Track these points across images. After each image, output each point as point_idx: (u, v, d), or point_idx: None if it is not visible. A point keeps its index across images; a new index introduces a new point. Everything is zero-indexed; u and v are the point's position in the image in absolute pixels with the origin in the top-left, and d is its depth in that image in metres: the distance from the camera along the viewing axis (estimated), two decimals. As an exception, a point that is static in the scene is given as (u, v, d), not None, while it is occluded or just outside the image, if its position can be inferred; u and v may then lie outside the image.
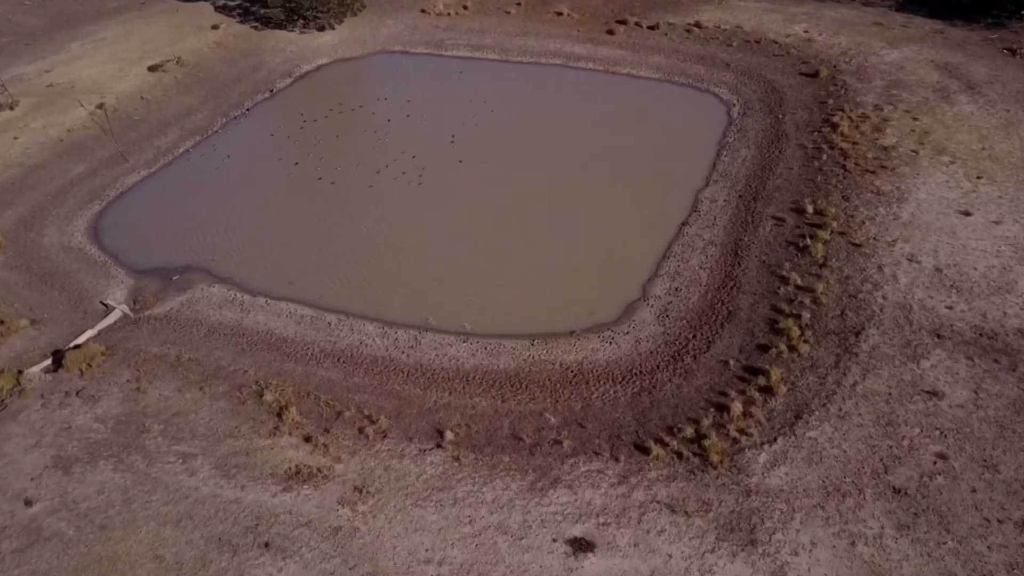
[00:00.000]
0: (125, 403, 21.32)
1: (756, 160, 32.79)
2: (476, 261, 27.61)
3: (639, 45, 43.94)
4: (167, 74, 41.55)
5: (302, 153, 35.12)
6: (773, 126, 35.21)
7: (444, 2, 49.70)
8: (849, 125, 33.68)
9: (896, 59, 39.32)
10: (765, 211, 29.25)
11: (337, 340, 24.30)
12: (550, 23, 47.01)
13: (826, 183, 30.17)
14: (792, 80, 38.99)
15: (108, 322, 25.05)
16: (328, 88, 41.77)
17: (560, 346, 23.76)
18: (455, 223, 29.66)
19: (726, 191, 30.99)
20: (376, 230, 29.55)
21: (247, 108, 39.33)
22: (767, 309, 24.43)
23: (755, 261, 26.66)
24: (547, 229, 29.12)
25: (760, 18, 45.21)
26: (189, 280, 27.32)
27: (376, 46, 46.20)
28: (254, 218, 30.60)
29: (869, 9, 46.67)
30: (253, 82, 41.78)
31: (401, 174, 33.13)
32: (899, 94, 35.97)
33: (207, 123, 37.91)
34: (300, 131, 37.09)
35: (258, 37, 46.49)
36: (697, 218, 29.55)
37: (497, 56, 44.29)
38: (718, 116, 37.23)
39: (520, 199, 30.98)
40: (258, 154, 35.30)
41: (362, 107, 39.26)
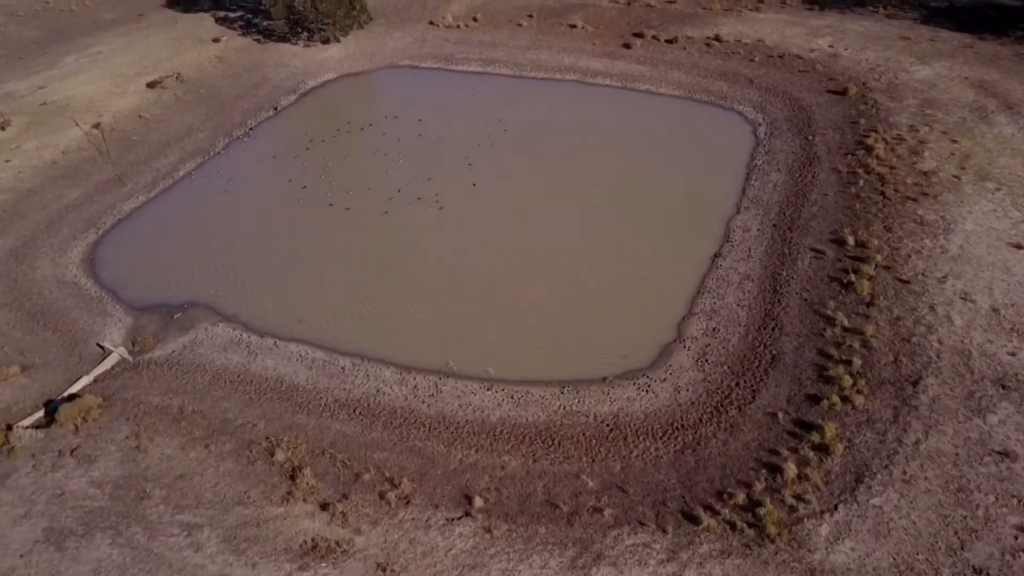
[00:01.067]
0: (124, 464, 19.56)
1: (788, 185, 31.13)
2: (498, 297, 25.91)
3: (657, 60, 42.29)
4: (167, 91, 39.81)
5: (310, 176, 33.40)
6: (803, 148, 33.55)
7: (453, 14, 48.04)
8: (884, 148, 32.03)
9: (928, 76, 37.70)
10: (802, 242, 27.57)
11: (352, 388, 22.57)
12: (564, 36, 45.36)
13: (865, 211, 28.51)
14: (820, 98, 37.35)
15: (105, 367, 23.30)
16: (335, 105, 40.06)
17: (593, 395, 22.05)
18: (473, 255, 27.96)
19: (759, 219, 29.32)
20: (390, 262, 27.84)
21: (250, 127, 37.61)
22: (814, 353, 22.73)
23: (796, 298, 24.97)
24: (572, 262, 27.43)
25: (782, 32, 43.58)
26: (191, 318, 25.58)
27: (383, 60, 44.51)
28: (260, 248, 28.87)
29: (894, 23, 45.09)
30: (256, 99, 40.05)
31: (416, 200, 31.43)
32: (934, 114, 34.34)
33: (209, 143, 36.18)
34: (307, 152, 35.37)
35: (261, 51, 44.79)
36: (730, 249, 27.88)
37: (510, 71, 42.64)
38: (744, 136, 35.58)
39: (542, 229, 29.29)
40: (264, 177, 33.57)
41: (372, 126, 37.56)
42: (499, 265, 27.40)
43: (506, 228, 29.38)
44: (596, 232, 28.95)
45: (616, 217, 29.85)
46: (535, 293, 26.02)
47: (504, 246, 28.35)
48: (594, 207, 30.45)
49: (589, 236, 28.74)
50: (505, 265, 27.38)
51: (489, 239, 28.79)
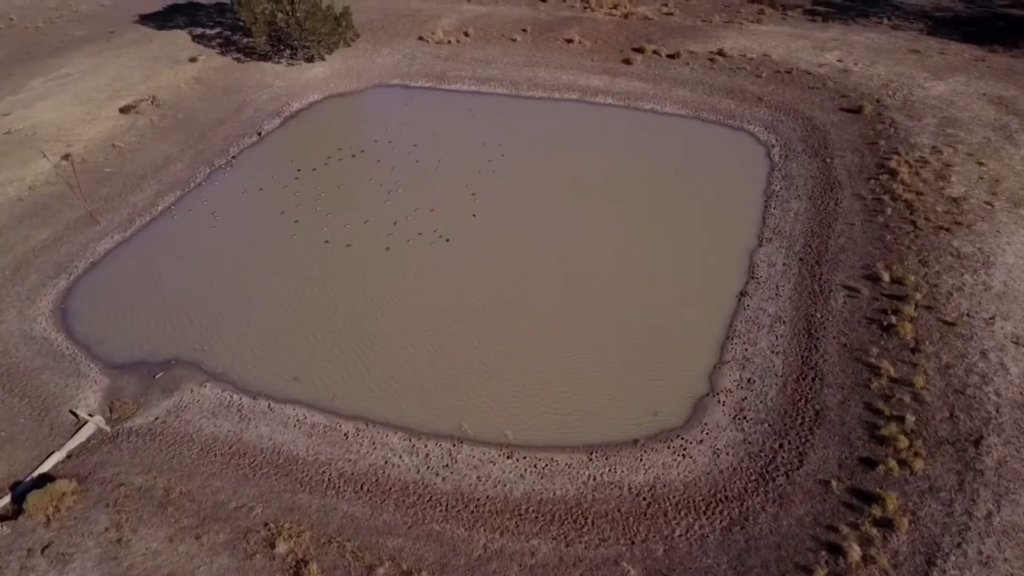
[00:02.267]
0: (103, 563, 17.23)
1: (811, 214, 29.36)
2: (511, 347, 23.82)
3: (660, 76, 40.47)
4: (141, 116, 37.30)
5: (302, 209, 31.12)
6: (822, 172, 31.82)
7: (444, 29, 45.92)
8: (909, 172, 30.38)
9: (944, 92, 36.18)
10: (833, 278, 25.76)
11: (358, 458, 20.37)
12: (560, 52, 43.40)
13: (897, 243, 26.78)
14: (833, 116, 35.68)
15: (80, 440, 20.92)
16: (323, 129, 37.76)
17: (624, 461, 20.03)
18: (484, 299, 25.84)
19: (783, 252, 27.50)
20: (394, 308, 25.65)
21: (233, 155, 35.22)
22: (861, 408, 20.87)
23: (834, 344, 23.12)
24: (589, 305, 25.41)
25: (787, 45, 41.93)
26: (176, 378, 23.22)
27: (372, 79, 42.27)
28: (250, 293, 26.54)
29: (900, 34, 43.67)
30: (238, 124, 37.64)
31: (417, 235, 29.28)
32: (956, 134, 32.78)
33: (188, 174, 33.75)
34: (297, 181, 33.03)
35: (241, 70, 42.36)
36: (756, 287, 26.00)
37: (506, 90, 40.59)
38: (758, 159, 33.81)
39: (555, 268, 27.25)
40: (251, 211, 31.22)
41: (363, 152, 35.32)
42: (512, 311, 25.31)
43: (516, 267, 27.29)
44: (613, 270, 26.97)
45: (633, 251, 27.90)
46: (552, 342, 23.97)
47: (516, 288, 26.26)
48: (608, 241, 28.47)
49: (605, 275, 26.74)
50: (518, 311, 25.29)
51: (500, 280, 26.69)
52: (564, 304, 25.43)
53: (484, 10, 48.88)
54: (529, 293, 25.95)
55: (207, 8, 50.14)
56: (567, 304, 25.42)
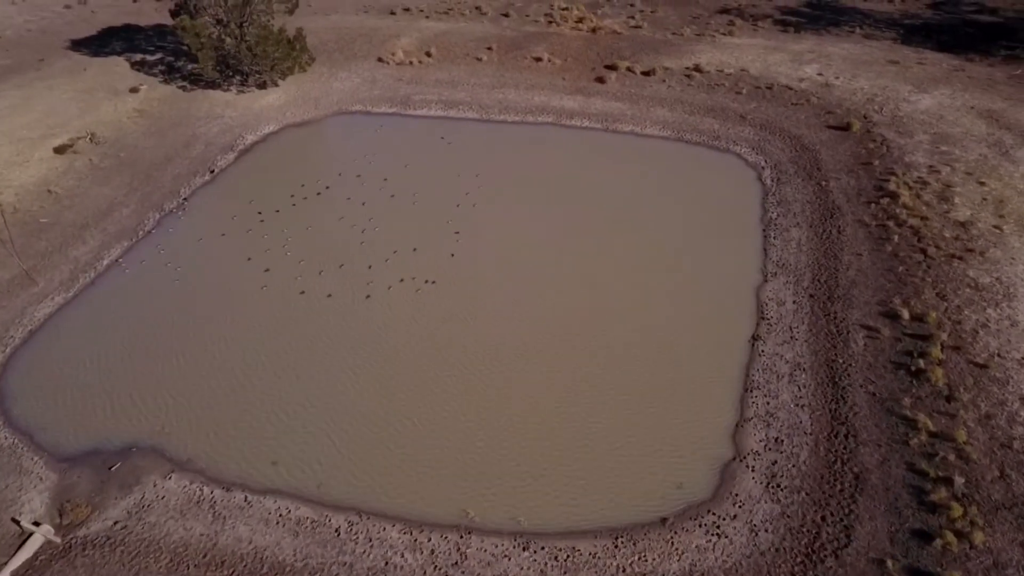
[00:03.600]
0: None
1: (814, 243, 27.78)
2: (514, 416, 21.58)
3: (636, 95, 38.67)
4: (79, 156, 33.97)
5: (271, 255, 28.42)
6: (819, 196, 30.32)
7: (404, 49, 43.41)
8: (910, 194, 29.07)
9: (931, 106, 35.12)
10: (849, 317, 24.14)
11: (354, 561, 17.86)
12: (530, 71, 41.29)
13: (909, 275, 25.31)
14: (821, 135, 34.31)
15: (25, 556, 17.97)
16: (282, 164, 34.94)
17: (655, 546, 17.94)
18: (477, 357, 23.56)
19: (792, 289, 25.82)
20: (380, 371, 23.14)
21: (184, 197, 32.21)
22: (903, 469, 19.18)
23: (862, 393, 21.43)
24: (592, 360, 23.35)
25: (764, 59, 40.56)
26: (135, 469, 20.39)
27: (331, 106, 39.55)
28: (217, 360, 23.77)
29: (874, 43, 42.74)
30: (188, 161, 34.59)
31: (399, 281, 26.82)
32: (951, 151, 31.64)
33: (136, 221, 30.65)
34: (261, 224, 30.24)
35: (188, 100, 39.21)
36: (769, 330, 24.23)
37: (476, 114, 38.32)
38: (749, 183, 32.21)
39: (551, 317, 25.11)
40: (213, 260, 28.35)
41: (329, 188, 32.62)
42: (510, 371, 23.06)
43: (510, 318, 25.05)
44: (612, 315, 24.93)
45: (632, 293, 25.92)
46: (557, 406, 21.79)
47: (512, 344, 24.02)
48: (604, 281, 26.46)
49: (605, 322, 24.68)
50: (517, 371, 23.05)
51: (494, 334, 24.42)
52: (566, 361, 23.27)
53: (445, 27, 46.53)
54: (527, 349, 23.73)
55: (146, 32, 46.70)
56: (569, 361, 23.27)
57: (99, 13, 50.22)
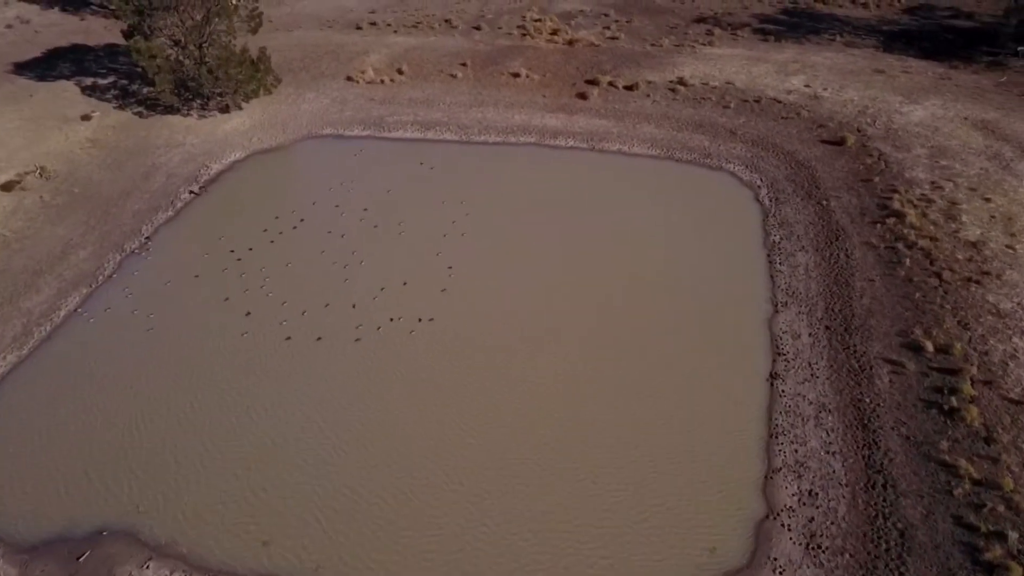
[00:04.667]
0: None
1: (822, 269, 26.57)
2: (525, 481, 19.81)
3: (621, 112, 37.26)
4: (28, 194, 31.35)
5: (249, 297, 26.28)
6: (821, 217, 29.17)
7: (374, 67, 41.39)
8: (916, 213, 28.07)
9: (924, 118, 34.31)
10: (870, 350, 22.91)
11: (364, 661, 15.89)
12: (508, 88, 39.60)
13: (927, 302, 24.20)
14: (816, 150, 33.25)
15: (-15, 676, 15.62)
16: (253, 195, 32.74)
17: (695, 626, 16.30)
18: (481, 410, 21.79)
19: (806, 320, 24.53)
20: (379, 432, 21.21)
21: (147, 236, 29.84)
22: (950, 524, 17.91)
23: (895, 437, 20.15)
24: (605, 409, 21.80)
25: (749, 71, 39.45)
26: (107, 558, 18.20)
27: (300, 130, 37.38)
28: (197, 424, 21.59)
29: (856, 52, 41.99)
30: (149, 195, 32.17)
31: (388, 321, 24.95)
32: (951, 165, 30.76)
33: (95, 264, 28.22)
34: (237, 263, 28.05)
35: (145, 127, 36.70)
36: (787, 367, 22.88)
37: (455, 136, 36.49)
38: (746, 203, 30.96)
39: (554, 358, 23.54)
40: (184, 306, 26.08)
41: (304, 221, 30.52)
42: (519, 425, 21.35)
43: (511, 362, 23.37)
44: (622, 359, 23.39)
45: (638, 331, 24.42)
46: (574, 473, 20.07)
47: (518, 391, 22.32)
48: (607, 320, 24.91)
49: (616, 369, 23.13)
50: (527, 425, 21.34)
51: (497, 382, 22.69)
52: (579, 419, 21.60)
53: (415, 42, 44.61)
54: (535, 397, 22.07)
55: (96, 52, 43.90)
56: (582, 417, 21.61)
57: (43, 33, 47.19)
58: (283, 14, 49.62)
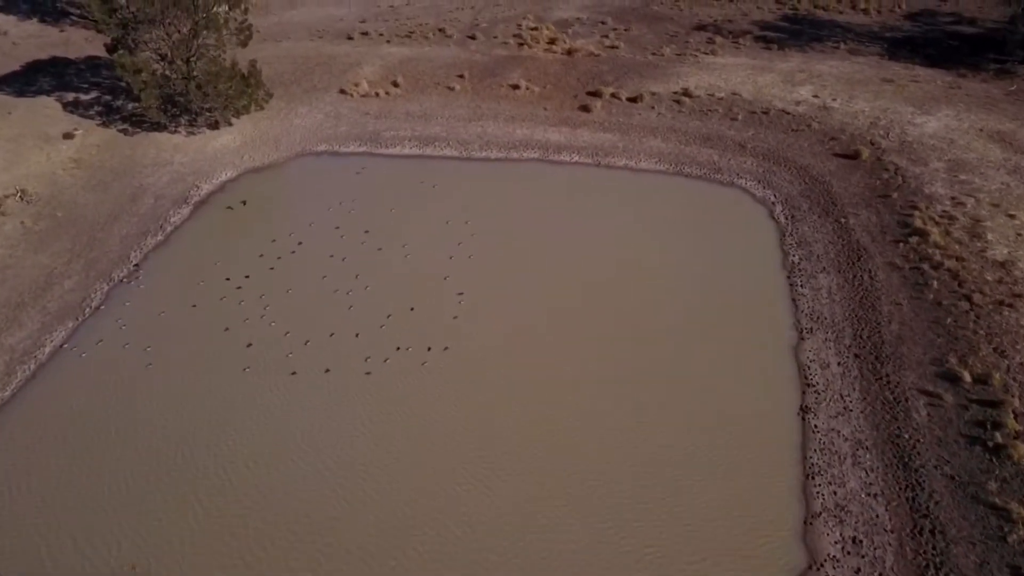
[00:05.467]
0: None
1: (846, 292, 25.55)
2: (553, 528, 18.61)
3: (625, 125, 36.13)
4: (8, 219, 29.76)
5: (250, 327, 24.92)
6: (840, 236, 28.17)
7: (368, 79, 40.02)
8: (939, 231, 27.12)
9: (938, 130, 33.42)
10: (904, 381, 21.88)
11: None
12: (508, 100, 38.37)
13: (959, 327, 23.21)
14: (830, 164, 32.26)
15: None
16: (245, 216, 31.33)
17: None
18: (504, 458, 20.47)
19: (834, 348, 23.49)
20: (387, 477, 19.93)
21: (135, 263, 28.34)
22: (1007, 573, 16.78)
23: (939, 477, 19.12)
24: (630, 450, 20.64)
25: (755, 81, 38.45)
26: (103, 629, 16.68)
27: (293, 146, 35.94)
28: (194, 473, 20.15)
29: (861, 60, 41.14)
30: (137, 218, 30.65)
31: (395, 350, 23.81)
32: (971, 180, 29.87)
33: (81, 295, 26.69)
34: (235, 290, 26.65)
35: (131, 145, 35.13)
36: (817, 399, 21.81)
37: (455, 151, 35.21)
38: (761, 221, 29.94)
39: (575, 391, 22.38)
40: (180, 340, 24.65)
41: (302, 244, 29.15)
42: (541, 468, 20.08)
43: (531, 397, 22.14)
44: (645, 392, 22.28)
45: (661, 360, 23.35)
46: (598, 517, 18.90)
47: (538, 431, 21.10)
48: (629, 351, 23.78)
49: (639, 401, 22.02)
50: (547, 468, 20.09)
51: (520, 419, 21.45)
52: (601, 457, 20.44)
53: (409, 52, 43.26)
54: (559, 440, 20.85)
55: (77, 66, 42.17)
56: (606, 456, 20.44)
57: (21, 45, 45.35)
58: (271, 24, 48.07)
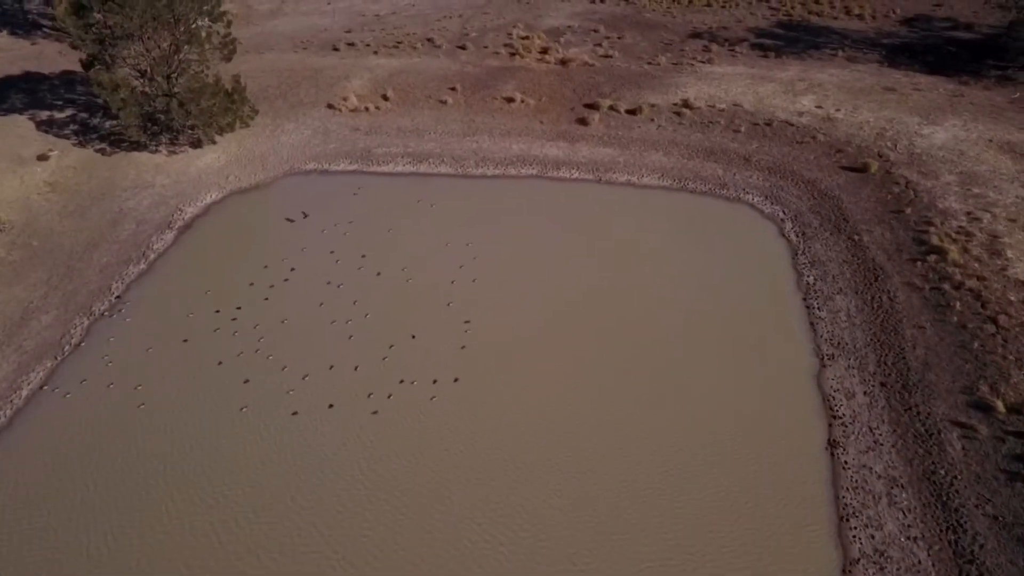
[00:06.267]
0: None
1: (866, 315, 24.60)
2: None
3: (625, 138, 35.06)
4: (-19, 248, 28.06)
5: (244, 361, 23.58)
6: (855, 254, 27.24)
7: (356, 93, 38.64)
8: (957, 249, 26.26)
9: (947, 141, 32.64)
10: (935, 412, 20.92)
11: None
12: (502, 114, 37.16)
13: (987, 352, 22.32)
14: (838, 178, 31.37)
15: None
16: (233, 242, 29.89)
17: None
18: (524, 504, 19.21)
19: (858, 376, 22.50)
20: (400, 539, 18.57)
21: (117, 294, 26.79)
22: (1062, 625, 15.81)
23: (981, 517, 18.16)
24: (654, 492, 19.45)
25: (755, 91, 37.51)
26: None
27: (281, 165, 34.49)
28: (187, 535, 18.66)
29: (861, 67, 40.37)
30: (118, 246, 29.10)
31: (399, 383, 22.58)
32: (984, 194, 29.08)
33: (60, 331, 25.14)
34: (232, 322, 25.26)
35: (109, 167, 33.52)
36: (845, 432, 20.82)
37: (450, 168, 33.95)
38: (771, 239, 28.97)
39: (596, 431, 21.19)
40: (171, 376, 23.19)
41: (295, 271, 27.75)
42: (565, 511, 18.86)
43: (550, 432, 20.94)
44: (666, 426, 21.18)
45: (677, 389, 22.26)
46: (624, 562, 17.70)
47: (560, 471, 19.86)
48: (645, 382, 22.67)
49: (661, 436, 20.89)
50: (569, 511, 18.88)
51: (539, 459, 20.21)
52: (627, 506, 19.23)
53: (398, 64, 41.91)
54: (583, 481, 19.62)
55: (51, 81, 40.40)
56: (631, 504, 19.24)
57: (-9, 59, 43.49)
58: (253, 34, 46.51)
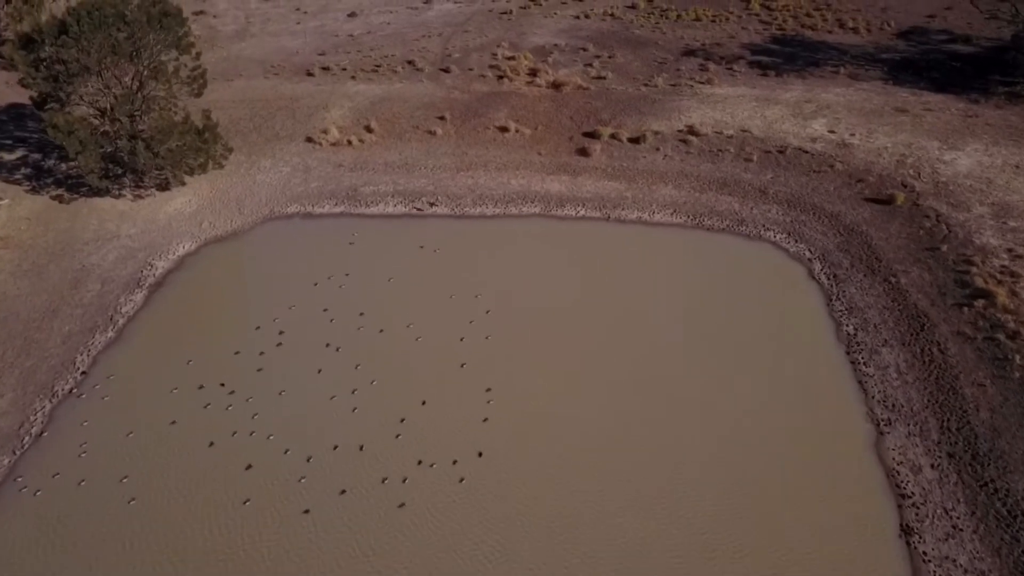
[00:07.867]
0: None
1: (917, 371, 22.63)
2: None
3: (631, 170, 32.83)
4: (-77, 320, 24.70)
5: (240, 442, 20.75)
6: (895, 299, 25.30)
7: (337, 125, 35.82)
8: (1005, 292, 24.49)
9: (971, 167, 31.00)
10: (1013, 488, 19.04)
11: None
12: (496, 145, 34.67)
13: (1058, 414, 20.34)
14: (863, 211, 29.50)
15: None
16: (211, 300, 27.01)
17: None
18: None
19: (920, 445, 20.48)
20: None
21: (83, 370, 23.65)
22: None
23: (1088, 620, 16.03)
24: None
25: (763, 114, 35.56)
26: None
27: (260, 209, 31.53)
28: None
29: (866, 85, 38.73)
30: (81, 310, 25.96)
31: (416, 464, 20.02)
32: (1022, 227, 27.28)
33: (18, 418, 22.03)
34: (228, 395, 22.42)
35: (68, 216, 30.26)
36: (918, 515, 18.78)
37: (446, 208, 31.33)
38: (800, 282, 26.99)
39: (639, 511, 18.78)
40: (158, 464, 20.30)
41: (284, 334, 24.85)
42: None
43: (595, 517, 18.40)
44: (717, 509, 18.85)
45: (727, 465, 20.08)
46: None
47: (607, 559, 17.38)
48: (689, 447, 20.51)
49: (711, 520, 18.48)
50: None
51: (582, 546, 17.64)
52: None
53: (379, 91, 39.15)
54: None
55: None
56: None
57: (-70, 93, 39.69)
58: (219, 59, 43.31)
